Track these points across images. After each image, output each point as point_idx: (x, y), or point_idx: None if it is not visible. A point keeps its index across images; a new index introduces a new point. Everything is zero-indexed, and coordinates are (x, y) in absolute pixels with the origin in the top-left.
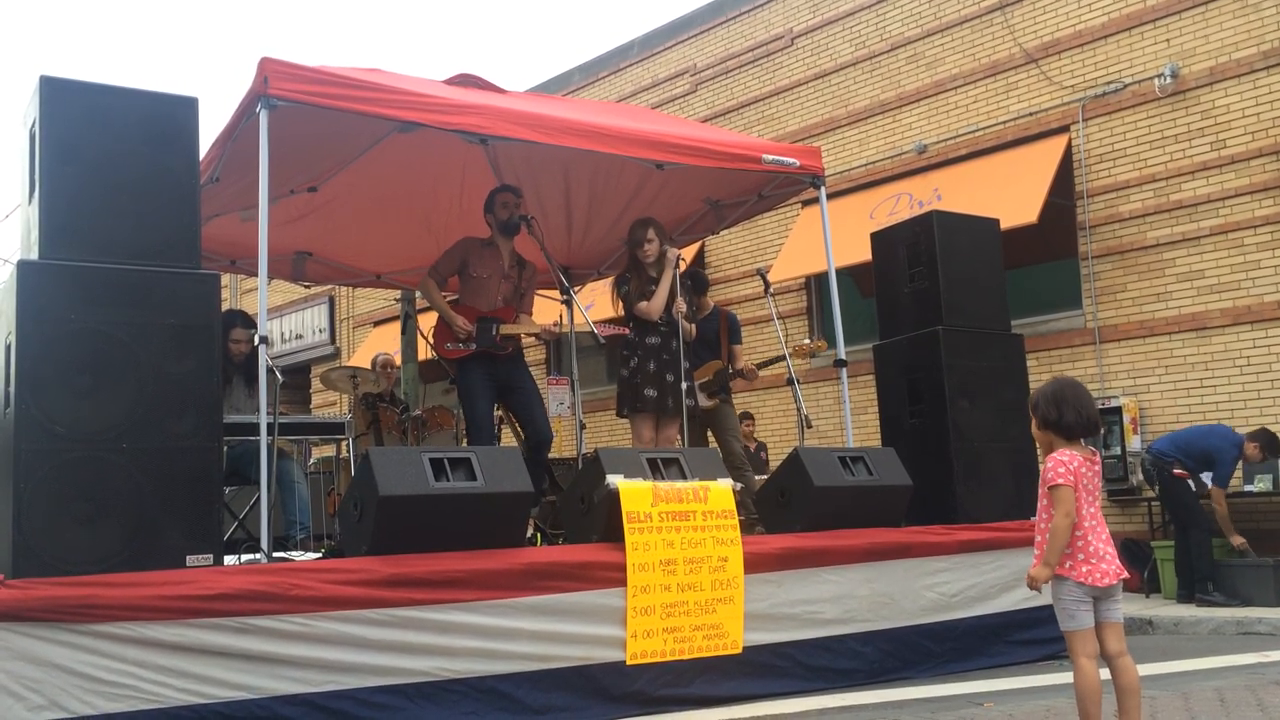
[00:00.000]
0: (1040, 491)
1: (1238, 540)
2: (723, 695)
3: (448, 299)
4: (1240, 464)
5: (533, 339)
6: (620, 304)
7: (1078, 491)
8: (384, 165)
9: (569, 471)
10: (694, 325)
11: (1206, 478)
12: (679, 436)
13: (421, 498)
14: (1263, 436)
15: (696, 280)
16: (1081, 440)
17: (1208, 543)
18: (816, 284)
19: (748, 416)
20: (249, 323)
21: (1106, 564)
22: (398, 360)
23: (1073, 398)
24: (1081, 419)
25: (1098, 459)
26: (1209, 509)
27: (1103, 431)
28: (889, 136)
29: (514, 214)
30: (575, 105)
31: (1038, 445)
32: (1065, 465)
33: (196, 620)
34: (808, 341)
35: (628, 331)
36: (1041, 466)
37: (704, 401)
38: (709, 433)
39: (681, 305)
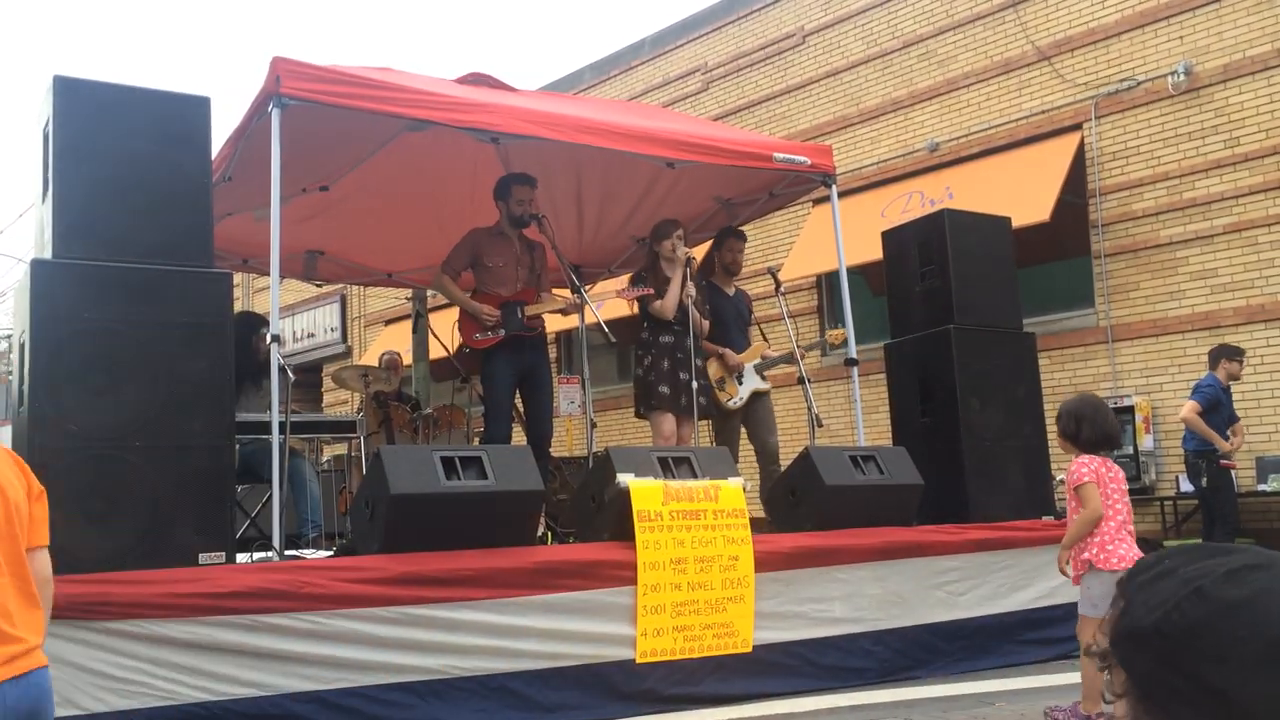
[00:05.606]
0: (1069, 494)
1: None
2: (733, 694)
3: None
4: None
5: (558, 314)
6: (635, 303)
7: (1103, 489)
8: (395, 164)
9: (579, 470)
10: (707, 318)
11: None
12: (692, 435)
13: (433, 496)
14: (1222, 352)
15: (738, 235)
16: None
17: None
18: (828, 283)
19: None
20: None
21: (1126, 551)
22: (405, 359)
23: (1091, 414)
24: (1097, 434)
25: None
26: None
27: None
28: (901, 134)
29: (527, 210)
30: (586, 103)
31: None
32: (1087, 465)
33: (209, 618)
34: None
35: (653, 291)
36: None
37: (759, 385)
38: (742, 429)
39: (692, 290)
